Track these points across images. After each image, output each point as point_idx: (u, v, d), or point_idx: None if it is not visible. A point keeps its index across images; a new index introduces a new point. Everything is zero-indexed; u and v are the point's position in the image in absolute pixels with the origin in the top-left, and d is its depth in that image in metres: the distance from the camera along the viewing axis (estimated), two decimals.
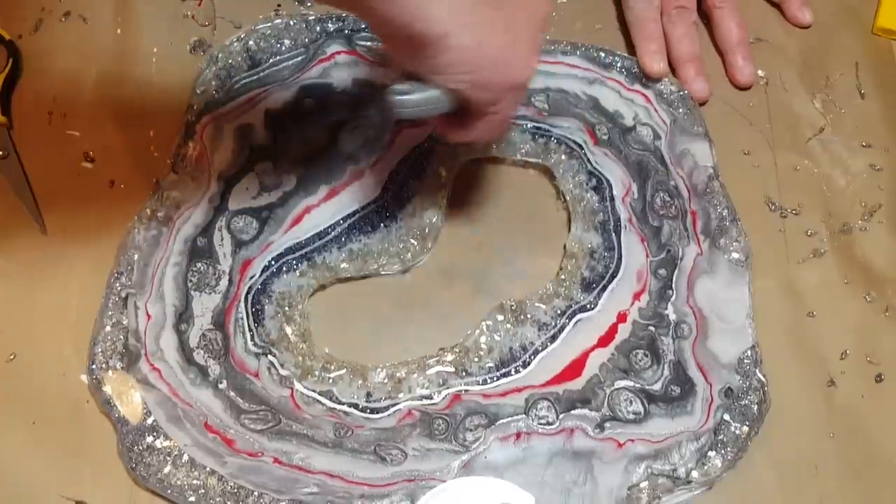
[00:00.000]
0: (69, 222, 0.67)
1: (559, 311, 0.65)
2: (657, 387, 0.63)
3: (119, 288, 0.64)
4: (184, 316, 0.63)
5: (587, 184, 0.69)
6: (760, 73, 0.74)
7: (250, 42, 0.72)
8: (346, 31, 0.72)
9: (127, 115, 0.71)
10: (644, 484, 0.60)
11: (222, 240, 0.66)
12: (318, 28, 0.72)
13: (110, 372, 0.61)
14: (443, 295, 0.66)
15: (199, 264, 0.65)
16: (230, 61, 0.71)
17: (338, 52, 0.72)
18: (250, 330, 0.63)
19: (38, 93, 0.71)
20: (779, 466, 0.62)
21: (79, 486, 0.60)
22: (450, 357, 0.63)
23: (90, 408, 0.62)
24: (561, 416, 0.61)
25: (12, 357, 0.63)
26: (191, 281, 0.64)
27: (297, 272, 0.65)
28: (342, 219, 0.67)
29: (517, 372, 0.63)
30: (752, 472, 0.61)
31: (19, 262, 0.66)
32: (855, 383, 0.65)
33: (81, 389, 0.62)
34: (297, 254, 0.66)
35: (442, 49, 0.50)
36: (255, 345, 0.63)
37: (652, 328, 0.64)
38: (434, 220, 0.67)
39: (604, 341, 0.64)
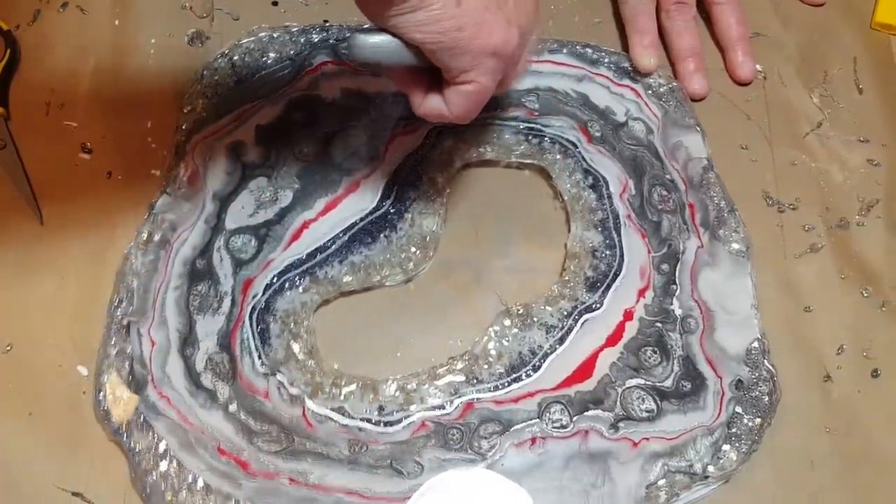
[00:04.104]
0: (66, 213, 0.67)
1: (565, 313, 0.65)
2: (668, 383, 0.63)
3: (120, 316, 0.63)
4: (188, 340, 0.63)
5: (584, 182, 0.69)
6: (758, 67, 0.74)
7: (235, 57, 0.71)
8: (332, 41, 0.72)
9: (124, 106, 0.70)
10: (662, 482, 0.60)
11: (221, 260, 0.65)
12: (302, 39, 0.72)
13: (117, 400, 0.61)
14: (447, 302, 0.66)
15: (199, 286, 0.64)
16: (216, 78, 0.70)
17: (324, 63, 0.71)
18: (257, 350, 0.63)
19: (35, 83, 0.71)
20: (775, 461, 0.62)
21: (75, 477, 0.60)
22: (460, 365, 0.63)
23: (86, 399, 0.62)
24: (574, 418, 0.61)
25: (9, 348, 0.63)
26: (192, 304, 0.64)
27: (300, 288, 0.65)
28: (341, 232, 0.66)
29: (528, 376, 0.63)
30: (749, 466, 0.61)
31: (16, 252, 0.66)
32: (851, 378, 0.65)
33: (78, 380, 0.62)
34: (299, 270, 0.65)
35: (420, 5, 0.49)
36: (262, 365, 0.62)
37: (659, 324, 0.64)
38: (434, 227, 0.67)
39: (612, 340, 0.64)
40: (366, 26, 0.55)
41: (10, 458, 0.60)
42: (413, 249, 0.66)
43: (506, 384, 0.62)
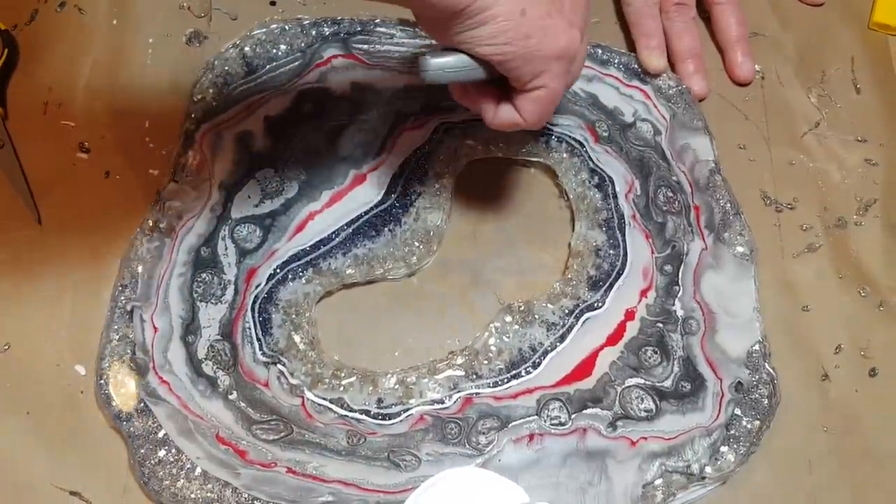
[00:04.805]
0: (64, 213, 0.67)
1: (567, 311, 0.65)
2: (668, 383, 0.63)
3: (124, 301, 0.63)
4: (191, 327, 0.63)
5: (589, 181, 0.69)
6: (757, 67, 0.74)
7: (246, 48, 0.71)
8: (342, 35, 0.72)
9: (122, 106, 0.70)
10: (659, 481, 0.60)
11: (226, 249, 0.65)
12: (313, 32, 0.72)
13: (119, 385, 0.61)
14: (450, 297, 0.66)
15: (203, 274, 0.64)
16: (226, 68, 0.70)
17: (334, 56, 0.71)
18: (258, 339, 0.63)
19: (33, 83, 0.71)
20: (772, 460, 0.62)
21: (72, 477, 0.60)
22: (460, 360, 0.63)
23: (84, 398, 0.62)
24: (573, 416, 0.62)
25: (6, 347, 0.63)
26: (196, 291, 0.64)
27: (303, 279, 0.65)
28: (346, 224, 0.67)
29: (527, 373, 0.63)
30: (746, 465, 0.61)
31: (14, 252, 0.66)
32: (849, 378, 0.65)
33: (76, 379, 0.62)
34: (303, 261, 0.65)
35: (486, 19, 0.50)
36: (263, 354, 0.63)
37: (660, 325, 0.64)
38: (438, 222, 0.67)
39: (613, 339, 0.64)
40: (427, 48, 0.55)
41: (8, 457, 0.60)
42: (417, 244, 0.67)
43: (505, 380, 0.63)
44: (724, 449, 0.61)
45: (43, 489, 0.60)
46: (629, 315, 0.65)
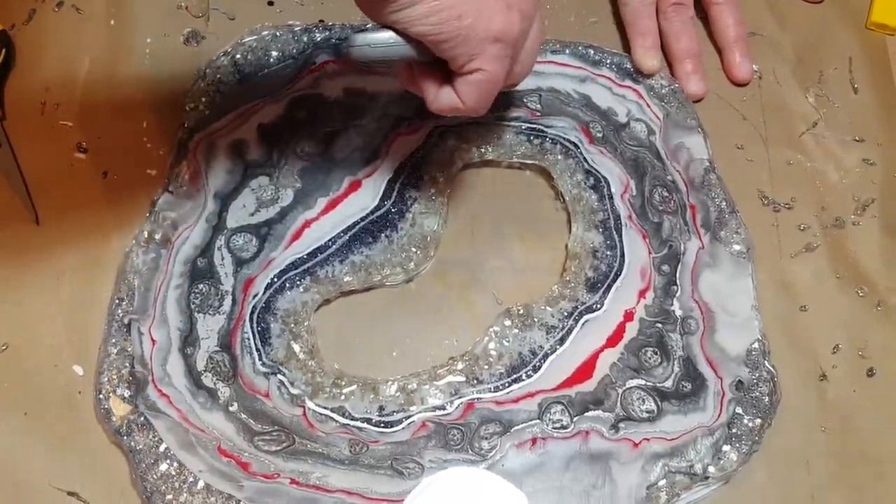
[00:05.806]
0: (62, 213, 0.67)
1: (566, 313, 0.65)
2: (668, 384, 0.63)
3: (121, 314, 0.63)
4: (189, 339, 0.63)
5: (585, 183, 0.69)
6: (755, 67, 0.74)
7: (237, 56, 0.71)
8: (334, 41, 0.71)
9: (120, 105, 0.70)
10: (662, 482, 0.60)
11: (223, 259, 0.65)
12: (305, 38, 0.71)
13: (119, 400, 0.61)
14: (448, 302, 0.66)
15: (200, 285, 0.64)
16: (218, 76, 0.70)
17: (326, 62, 0.71)
18: (257, 349, 0.63)
19: (31, 83, 0.71)
20: (770, 461, 0.62)
21: (70, 477, 0.60)
22: (460, 366, 0.63)
23: (82, 399, 0.62)
24: (575, 418, 0.61)
25: (4, 347, 0.63)
26: (193, 303, 0.64)
27: (301, 288, 0.65)
28: (342, 231, 0.66)
29: (528, 377, 0.63)
30: (744, 466, 0.62)
31: (12, 252, 0.66)
32: (847, 378, 0.65)
33: (74, 380, 0.62)
34: (300, 269, 0.65)
35: None
36: (263, 364, 0.62)
37: (659, 325, 0.64)
38: (435, 227, 0.67)
39: (612, 341, 0.64)
40: (366, 26, 0.55)
41: (6, 457, 0.60)
42: (414, 249, 0.66)
43: (506, 384, 0.63)
44: (726, 448, 0.61)
45: (41, 489, 0.60)
46: (628, 316, 0.65)
